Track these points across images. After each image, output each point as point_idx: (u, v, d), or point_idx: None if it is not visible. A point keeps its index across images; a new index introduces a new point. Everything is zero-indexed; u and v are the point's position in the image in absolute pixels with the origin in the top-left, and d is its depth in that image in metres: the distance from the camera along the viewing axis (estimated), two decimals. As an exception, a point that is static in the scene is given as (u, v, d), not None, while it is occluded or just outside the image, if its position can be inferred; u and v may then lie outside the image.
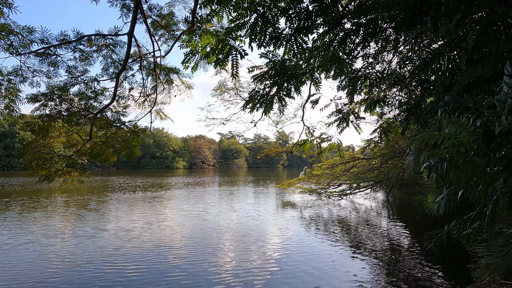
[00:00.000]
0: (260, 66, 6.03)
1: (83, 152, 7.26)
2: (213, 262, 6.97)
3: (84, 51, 5.93)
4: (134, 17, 5.28)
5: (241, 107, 7.23)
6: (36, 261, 7.00)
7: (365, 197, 17.97)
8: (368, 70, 6.22)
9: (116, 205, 15.60)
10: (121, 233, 9.60)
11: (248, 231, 9.96)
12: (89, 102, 6.74)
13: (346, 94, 6.41)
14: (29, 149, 6.66)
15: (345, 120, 6.63)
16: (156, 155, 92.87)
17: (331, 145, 7.24)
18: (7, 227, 10.41)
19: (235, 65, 4.45)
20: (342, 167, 16.51)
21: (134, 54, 6.69)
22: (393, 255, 7.49)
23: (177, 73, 7.36)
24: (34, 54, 5.52)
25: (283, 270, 6.51)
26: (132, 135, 7.26)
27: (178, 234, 9.50)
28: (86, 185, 26.64)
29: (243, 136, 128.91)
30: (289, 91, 6.02)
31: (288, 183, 18.51)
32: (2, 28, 5.19)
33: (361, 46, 5.45)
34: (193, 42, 5.46)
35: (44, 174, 6.67)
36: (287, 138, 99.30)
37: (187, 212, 13.54)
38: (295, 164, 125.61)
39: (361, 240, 8.95)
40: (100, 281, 5.93)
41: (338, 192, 17.03)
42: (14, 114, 6.19)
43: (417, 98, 4.21)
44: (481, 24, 3.60)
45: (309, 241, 8.76)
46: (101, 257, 7.33)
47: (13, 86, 5.90)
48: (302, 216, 12.60)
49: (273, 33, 4.84)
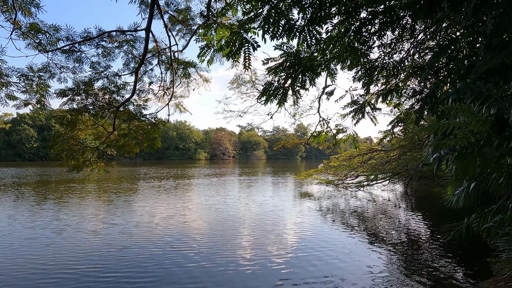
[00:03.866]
0: (275, 58, 6.06)
1: (108, 144, 7.65)
2: (230, 249, 7.24)
3: (106, 47, 6.23)
4: (151, 13, 5.47)
5: (256, 99, 7.32)
6: (68, 247, 7.57)
7: (382, 188, 17.69)
8: (385, 60, 6.10)
9: (142, 194, 16.32)
10: (146, 219, 10.12)
11: (265, 220, 10.17)
12: (112, 96, 7.08)
13: (362, 85, 6.33)
14: (58, 141, 7.12)
15: (360, 111, 6.57)
16: (179, 146, 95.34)
17: (346, 137, 7.20)
18: (43, 214, 11.22)
19: (247, 57, 4.54)
20: (360, 159, 16.29)
21: (153, 49, 6.93)
22: (410, 247, 7.43)
23: (194, 67, 7.54)
24: (60, 51, 5.87)
25: (299, 259, 6.65)
26: (152, 127, 7.56)
27: (199, 222, 9.88)
28: (115, 175, 27.92)
29: (262, 128, 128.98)
30: (304, 83, 6.03)
31: (305, 174, 18.53)
32: (31, 27, 5.54)
33: (377, 36, 5.35)
34: (208, 36, 5.59)
35: (73, 164, 7.12)
36: (305, 130, 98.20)
37: (208, 201, 13.98)
38: (313, 155, 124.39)
39: (378, 231, 8.92)
40: (124, 265, 6.35)
41: (355, 184, 16.87)
42: (47, 108, 6.66)
43: (432, 86, 4.13)
44: (502, 6, 3.46)
45: (326, 231, 8.85)
46: (126, 242, 7.80)
47: (43, 82, 6.30)
48: (319, 206, 12.65)
49: (286, 24, 4.86)
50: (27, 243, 7.66)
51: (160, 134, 7.76)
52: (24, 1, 5.23)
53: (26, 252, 7.00)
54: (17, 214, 10.97)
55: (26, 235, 8.29)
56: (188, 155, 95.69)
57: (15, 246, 7.44)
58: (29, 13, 5.34)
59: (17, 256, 6.79)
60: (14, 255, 6.84)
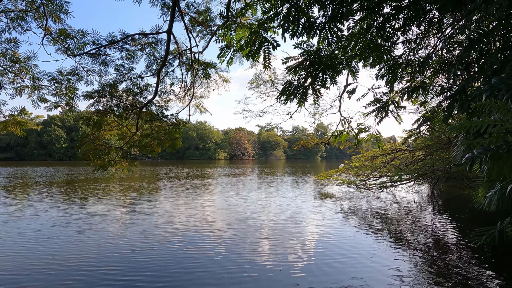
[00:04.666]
0: (295, 57, 5.99)
1: (132, 144, 7.88)
2: (250, 249, 7.22)
3: (130, 50, 6.42)
4: (172, 15, 5.57)
5: (275, 98, 7.27)
6: (88, 246, 7.86)
7: (407, 190, 17.06)
8: (410, 56, 5.87)
9: (163, 193, 16.70)
10: (166, 219, 10.32)
11: (285, 220, 10.10)
12: (135, 98, 7.29)
13: (385, 83, 6.14)
14: (85, 141, 7.42)
15: (383, 110, 6.37)
16: (199, 146, 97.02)
17: (369, 136, 7.00)
18: (66, 213, 11.74)
19: (267, 57, 4.51)
20: (383, 159, 15.81)
21: (174, 51, 7.06)
22: (438, 251, 7.11)
23: (214, 68, 7.61)
24: (87, 55, 6.11)
25: (319, 260, 6.54)
26: (174, 128, 7.70)
27: (218, 222, 9.95)
28: (137, 174, 28.81)
29: (281, 128, 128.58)
30: (324, 82, 5.92)
31: (326, 175, 18.24)
32: (60, 33, 5.81)
33: (401, 31, 5.16)
34: (228, 36, 5.61)
35: (99, 163, 7.39)
36: (325, 129, 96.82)
37: (227, 201, 14.07)
38: (333, 155, 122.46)
39: (402, 234, 8.61)
40: (143, 265, 6.50)
41: (378, 185, 16.38)
42: (75, 110, 6.97)
43: (462, 83, 3.92)
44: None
45: (347, 233, 8.65)
46: (146, 242, 7.98)
47: (72, 85, 6.60)
48: (340, 208, 12.41)
49: (307, 22, 4.79)
50: (48, 241, 7.85)
51: (181, 134, 7.89)
52: (54, 8, 5.48)
53: (46, 251, 7.15)
54: (41, 212, 11.42)
55: (48, 233, 8.53)
56: (208, 155, 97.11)
57: (36, 244, 7.67)
58: (58, 19, 5.59)
59: (38, 254, 6.97)
60: (36, 253, 7.02)
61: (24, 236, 8.23)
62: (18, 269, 6.06)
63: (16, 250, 7.15)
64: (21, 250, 7.14)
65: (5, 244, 7.63)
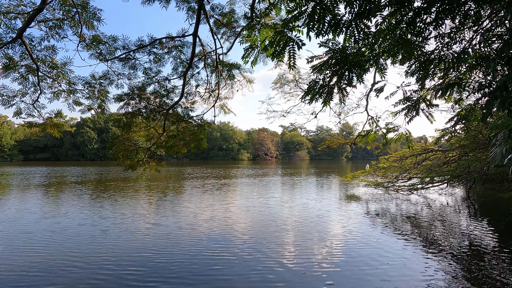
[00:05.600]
0: (320, 55, 5.89)
1: (159, 145, 8.12)
2: (274, 251, 7.19)
3: (157, 53, 6.63)
4: (198, 18, 5.67)
5: (300, 98, 7.19)
6: (111, 246, 8.18)
7: (440, 192, 16.21)
8: (443, 51, 5.58)
9: (187, 193, 17.08)
10: (189, 220, 10.50)
11: (309, 222, 9.96)
12: (162, 100, 7.51)
13: (415, 80, 5.87)
14: (116, 142, 7.73)
15: (414, 109, 6.09)
16: (223, 147, 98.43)
17: (398, 136, 6.73)
18: (94, 212, 12.31)
19: (292, 56, 4.47)
20: (413, 160, 15.13)
21: (199, 53, 7.19)
22: (475, 258, 6.69)
23: (238, 69, 7.66)
24: (118, 60, 6.38)
25: (345, 263, 6.38)
26: (199, 129, 7.84)
27: (241, 223, 10.00)
28: (163, 174, 29.70)
29: (305, 128, 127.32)
30: (351, 80, 5.77)
31: (352, 176, 17.77)
32: (93, 39, 6.11)
33: (433, 26, 4.91)
34: (252, 37, 5.62)
35: (128, 163, 7.67)
36: (351, 129, 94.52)
37: (250, 202, 14.11)
38: (359, 156, 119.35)
39: (434, 238, 8.19)
40: (166, 266, 6.66)
41: (408, 186, 15.70)
42: (106, 112, 7.31)
43: (503, 78, 3.65)
44: None
45: (374, 236, 8.37)
46: (169, 243, 8.18)
47: (103, 88, 6.92)
48: (366, 209, 12.04)
49: (332, 20, 4.69)
50: (73, 240, 8.00)
51: (206, 135, 8.01)
52: (88, 16, 5.77)
53: (71, 249, 7.28)
54: (71, 211, 11.89)
55: (75, 232, 8.74)
56: (231, 155, 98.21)
57: (62, 242, 7.93)
58: (92, 26, 5.88)
59: (62, 252, 7.13)
60: (60, 251, 7.19)
61: (52, 234, 8.55)
62: (41, 267, 6.22)
63: (43, 248, 7.41)
64: (47, 248, 7.37)
65: (32, 242, 7.90)
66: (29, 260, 6.60)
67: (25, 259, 6.69)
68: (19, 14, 5.44)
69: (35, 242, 7.85)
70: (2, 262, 6.49)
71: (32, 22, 5.22)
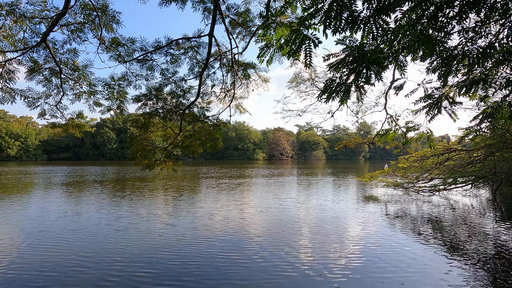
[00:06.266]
0: (337, 53, 5.78)
1: (176, 144, 8.23)
2: (289, 253, 7.10)
3: (174, 54, 6.71)
4: (214, 18, 5.70)
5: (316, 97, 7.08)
6: (137, 238, 8.35)
7: (463, 194, 15.60)
8: (467, 46, 5.33)
9: (202, 193, 17.26)
10: (203, 221, 10.52)
11: (325, 223, 9.82)
12: (179, 100, 7.60)
13: (437, 77, 5.65)
14: (134, 142, 7.90)
15: (436, 106, 5.86)
16: (238, 147, 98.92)
17: (418, 135, 6.49)
18: (110, 211, 12.62)
19: (308, 55, 4.40)
20: (434, 160, 14.60)
21: (215, 53, 7.23)
22: (501, 264, 6.37)
23: (254, 68, 7.64)
24: (136, 61, 6.51)
25: (363, 266, 6.24)
26: (215, 128, 7.88)
27: (257, 223, 9.97)
28: (179, 174, 30.18)
29: (321, 127, 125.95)
30: (369, 78, 5.62)
31: (370, 176, 17.37)
32: (113, 42, 6.26)
33: (457, 20, 4.70)
34: (267, 36, 5.58)
35: (146, 163, 7.83)
36: (369, 128, 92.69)
37: (266, 202, 14.07)
38: (378, 156, 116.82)
39: (458, 242, 7.87)
40: (183, 263, 6.72)
41: (429, 187, 15.17)
42: (124, 113, 7.48)
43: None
44: None
45: (393, 238, 8.14)
46: (183, 243, 8.25)
47: (122, 89, 7.09)
48: (385, 211, 11.74)
49: (349, 17, 4.58)
50: (88, 239, 8.07)
51: (221, 134, 8.04)
52: (107, 19, 5.92)
53: (84, 248, 7.34)
54: (89, 210, 12.19)
55: (91, 231, 8.83)
56: (246, 155, 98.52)
57: (77, 241, 8.12)
58: (111, 29, 6.03)
59: (75, 251, 7.22)
60: (74, 250, 7.28)
61: (68, 233, 8.68)
62: (53, 266, 6.25)
63: (57, 247, 7.47)
64: (61, 247, 7.42)
65: (48, 240, 8.02)
66: (41, 259, 6.65)
67: (39, 257, 6.76)
68: (43, 19, 5.64)
69: (50, 241, 7.99)
70: (17, 261, 6.66)
71: (55, 26, 5.41)
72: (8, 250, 7.29)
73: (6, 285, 5.46)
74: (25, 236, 8.48)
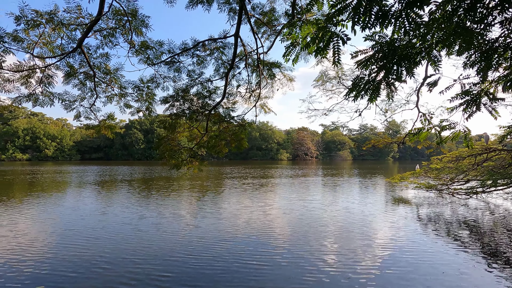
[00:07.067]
0: (365, 50, 5.59)
1: (202, 145, 8.35)
2: (314, 257, 6.96)
3: (200, 56, 6.82)
4: (239, 19, 5.72)
5: (343, 96, 6.90)
6: (160, 237, 8.54)
7: (505, 197, 14.57)
8: (510, 38, 4.95)
9: (226, 193, 17.42)
10: (227, 222, 10.53)
11: (353, 226, 9.54)
12: (205, 101, 7.71)
13: (476, 72, 5.29)
14: (162, 143, 8.12)
15: (474, 103, 5.49)
16: (261, 147, 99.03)
17: (454, 134, 6.11)
18: (138, 210, 13.01)
19: (336, 52, 4.27)
20: (471, 160, 13.72)
21: (240, 53, 7.25)
22: (550, 273, 5.85)
23: (279, 67, 7.58)
24: (164, 63, 6.69)
25: (393, 272, 5.98)
26: (240, 129, 7.91)
27: (280, 225, 9.86)
28: (204, 174, 30.71)
29: (347, 127, 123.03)
30: (400, 75, 5.38)
31: (400, 177, 16.67)
32: (142, 45, 6.46)
33: (498, 10, 4.37)
34: (293, 34, 5.51)
35: (173, 163, 8.01)
36: (398, 127, 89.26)
37: (290, 203, 13.94)
38: (407, 156, 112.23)
39: (498, 248, 7.33)
40: (204, 265, 6.77)
41: (465, 190, 14.28)
42: (152, 114, 7.71)
43: None
44: None
45: (426, 243, 7.75)
46: (207, 243, 8.32)
47: (151, 91, 7.31)
48: (417, 214, 11.21)
49: (380, 11, 4.40)
50: (111, 239, 8.23)
51: (247, 135, 8.05)
52: (137, 23, 6.12)
53: (107, 248, 7.47)
54: (115, 209, 12.57)
55: (115, 231, 8.98)
56: (270, 155, 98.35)
57: (99, 240, 8.37)
58: (140, 33, 6.23)
59: (98, 250, 7.40)
60: (96, 250, 7.47)
61: (92, 232, 8.88)
62: (74, 265, 6.35)
63: (80, 246, 7.60)
64: (83, 247, 7.55)
65: (72, 239, 8.20)
66: (65, 258, 6.78)
67: (63, 256, 6.93)
68: (78, 26, 5.94)
69: (75, 240, 8.17)
70: (39, 259, 6.95)
71: (89, 32, 5.67)
72: (35, 248, 7.59)
73: (31, 283, 5.61)
74: (53, 233, 8.79)
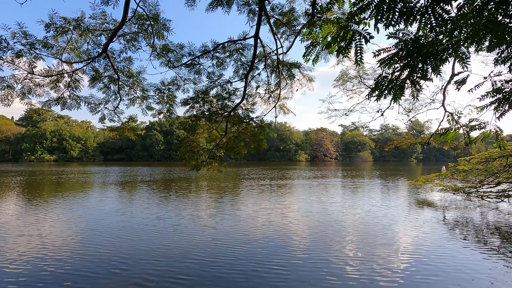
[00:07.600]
0: (388, 48, 5.43)
1: (221, 146, 8.42)
2: (334, 262, 6.83)
3: (220, 57, 6.88)
4: (259, 20, 5.71)
5: (365, 96, 6.73)
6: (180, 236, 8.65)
7: (540, 201, 13.67)
8: (547, 32, 4.65)
9: (243, 195, 17.45)
10: (244, 224, 10.50)
11: (374, 230, 9.29)
12: (224, 102, 7.77)
13: (508, 69, 5.01)
14: (182, 144, 8.25)
15: (507, 102, 5.19)
16: (280, 148, 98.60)
17: (484, 134, 5.80)
18: (156, 210, 13.24)
19: (359, 51, 4.17)
20: (502, 161, 12.99)
21: (259, 54, 7.25)
22: None
23: (298, 67, 7.51)
24: (184, 66, 6.80)
25: (419, 277, 5.76)
26: (259, 130, 7.90)
27: (299, 228, 9.73)
28: (222, 175, 30.95)
29: (367, 127, 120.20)
30: (425, 73, 5.18)
31: (424, 179, 16.06)
32: (163, 48, 6.60)
33: (534, 2, 4.12)
34: (313, 34, 5.43)
35: (193, 164, 8.12)
36: (421, 127, 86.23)
37: (309, 206, 13.76)
38: (432, 157, 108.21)
39: (534, 256, 6.90)
40: (219, 268, 6.78)
41: (496, 193, 13.55)
42: (173, 116, 7.85)
43: None
44: None
45: (453, 248, 7.41)
46: (223, 244, 8.31)
47: (171, 93, 7.45)
48: (443, 218, 10.76)
49: (404, 8, 4.26)
50: (127, 240, 8.45)
51: (266, 136, 8.03)
52: (158, 27, 6.26)
53: (123, 248, 7.61)
54: (134, 209, 12.81)
55: (132, 231, 9.18)
56: (288, 156, 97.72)
57: (115, 240, 8.51)
58: (162, 37, 6.36)
59: (112, 251, 7.54)
60: (111, 250, 7.56)
61: (113, 231, 9.08)
62: (95, 264, 6.49)
63: (97, 246, 7.71)
64: (101, 247, 7.66)
65: (91, 239, 8.35)
66: (83, 258, 6.91)
67: (83, 256, 7.07)
68: (103, 31, 6.15)
69: (95, 240, 8.30)
70: (62, 258, 7.21)
71: (114, 37, 5.86)
72: (58, 247, 7.81)
73: (53, 282, 5.78)
74: (75, 233, 8.99)
